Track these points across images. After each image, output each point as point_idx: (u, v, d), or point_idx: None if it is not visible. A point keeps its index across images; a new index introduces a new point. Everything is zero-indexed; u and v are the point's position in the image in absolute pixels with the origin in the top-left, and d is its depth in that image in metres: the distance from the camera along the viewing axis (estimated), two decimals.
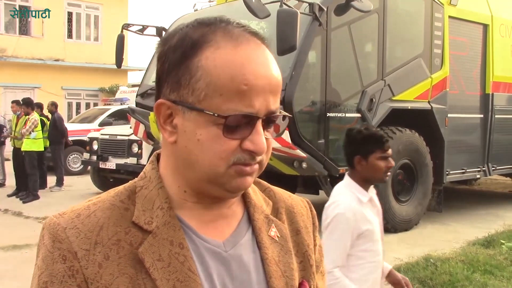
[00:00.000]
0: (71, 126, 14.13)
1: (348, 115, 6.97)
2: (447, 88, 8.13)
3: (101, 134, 11.22)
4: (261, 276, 0.91)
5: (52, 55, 20.65)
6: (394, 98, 7.44)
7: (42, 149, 10.71)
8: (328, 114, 6.73)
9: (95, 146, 10.95)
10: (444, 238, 7.08)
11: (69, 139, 12.10)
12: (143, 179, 0.92)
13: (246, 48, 0.84)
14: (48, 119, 11.70)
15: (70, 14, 21.55)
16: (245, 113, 0.82)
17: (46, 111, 12.10)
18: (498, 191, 11.46)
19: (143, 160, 9.86)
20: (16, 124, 10.92)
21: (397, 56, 7.75)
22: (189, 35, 0.86)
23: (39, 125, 10.52)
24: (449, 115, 8.09)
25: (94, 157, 10.81)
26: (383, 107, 7.28)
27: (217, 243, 0.89)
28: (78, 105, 21.70)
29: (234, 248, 0.90)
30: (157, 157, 0.95)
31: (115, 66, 8.74)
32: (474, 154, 8.76)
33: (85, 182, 11.98)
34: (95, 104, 21.04)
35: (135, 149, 10.20)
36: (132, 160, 10.12)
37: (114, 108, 15.63)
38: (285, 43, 5.68)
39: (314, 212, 1.09)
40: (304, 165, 6.63)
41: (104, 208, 0.87)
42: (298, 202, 1.06)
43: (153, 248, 0.84)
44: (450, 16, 8.23)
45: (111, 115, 15.09)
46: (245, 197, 0.97)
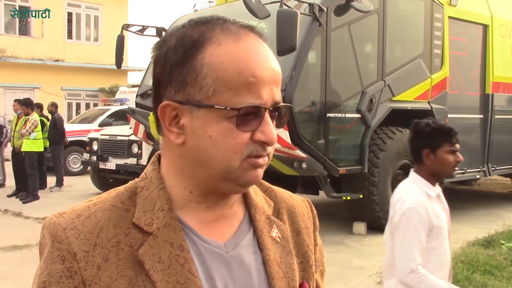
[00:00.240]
0: (71, 127, 14.14)
1: (348, 116, 6.97)
2: (447, 89, 8.13)
3: (101, 135, 11.22)
4: (263, 277, 0.91)
5: (52, 56, 20.64)
6: (394, 99, 7.44)
7: (42, 150, 10.70)
8: (328, 115, 6.73)
9: (95, 147, 10.95)
10: None
11: (67, 139, 12.07)
12: (144, 180, 0.91)
13: (247, 42, 0.85)
14: (48, 120, 11.69)
15: (70, 15, 21.54)
16: (256, 105, 0.83)
17: (46, 112, 12.10)
18: (498, 192, 11.46)
19: (143, 161, 9.86)
20: (16, 124, 10.93)
21: (397, 57, 7.75)
22: (188, 35, 0.86)
23: (39, 126, 10.51)
24: (449, 116, 8.08)
25: (94, 158, 10.81)
26: (383, 108, 7.27)
27: (218, 244, 0.89)
28: (78, 106, 21.69)
29: (235, 249, 0.90)
30: (159, 158, 0.94)
31: (115, 67, 8.73)
32: (474, 155, 8.76)
33: (85, 183, 11.97)
34: (95, 105, 21.02)
35: (135, 150, 10.20)
36: (132, 161, 10.12)
37: (114, 109, 15.62)
38: (285, 44, 5.68)
39: (315, 212, 1.09)
40: (304, 166, 6.62)
41: (105, 209, 0.87)
42: (299, 202, 1.06)
43: (153, 250, 0.84)
44: (450, 17, 8.23)
45: (111, 116, 15.09)
46: (246, 198, 0.97)
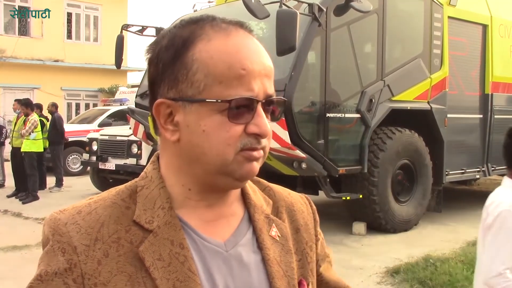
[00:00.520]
0: (71, 127, 14.14)
1: (348, 116, 6.97)
2: (447, 89, 8.13)
3: (101, 135, 11.21)
4: (262, 276, 0.91)
5: (52, 56, 20.63)
6: (394, 99, 7.44)
7: (42, 150, 10.70)
8: (328, 115, 6.72)
9: (95, 147, 10.95)
10: (444, 239, 7.08)
11: (67, 137, 12.05)
12: (144, 179, 0.92)
13: (237, 37, 0.87)
14: (48, 120, 11.69)
15: (70, 15, 21.53)
16: (247, 97, 0.84)
17: (46, 112, 12.10)
18: None
19: (143, 161, 9.86)
20: (15, 124, 10.93)
21: (397, 57, 7.75)
22: (179, 34, 0.88)
23: (39, 126, 10.52)
24: (449, 116, 8.09)
25: (94, 158, 10.81)
26: (383, 108, 7.27)
27: (218, 243, 0.90)
28: (78, 106, 21.68)
29: (235, 248, 0.91)
30: (158, 157, 0.95)
31: (115, 67, 8.72)
32: (474, 155, 8.76)
33: (85, 183, 11.97)
34: (95, 105, 21.01)
35: (135, 150, 10.19)
36: (132, 161, 10.11)
37: (114, 109, 15.62)
38: (285, 44, 5.68)
39: (314, 207, 1.10)
40: (304, 166, 6.62)
41: (105, 206, 0.88)
42: (298, 199, 1.07)
43: (154, 248, 0.85)
44: (450, 17, 8.23)
45: (111, 116, 15.09)
46: (245, 198, 0.97)
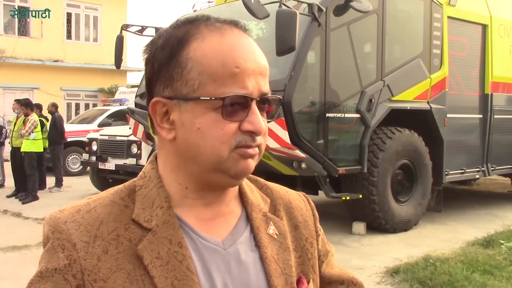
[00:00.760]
0: (70, 127, 14.14)
1: (347, 116, 6.97)
2: (446, 89, 8.12)
3: (100, 135, 11.22)
4: (260, 274, 0.92)
5: (51, 56, 20.64)
6: (393, 99, 7.44)
7: (42, 150, 10.71)
8: (327, 115, 6.72)
9: (94, 147, 10.95)
10: (444, 238, 7.08)
11: (65, 137, 12.04)
12: (143, 179, 0.93)
13: (231, 36, 0.88)
14: (47, 120, 11.69)
15: (69, 15, 21.53)
16: (241, 94, 0.85)
17: (46, 112, 12.09)
18: (498, 191, 11.46)
19: (142, 161, 9.85)
20: (15, 124, 10.94)
21: (396, 57, 7.75)
22: (174, 34, 0.89)
23: (39, 126, 10.52)
24: (448, 115, 8.09)
25: (93, 158, 10.81)
26: (382, 108, 7.27)
27: (216, 241, 0.91)
28: (77, 106, 21.68)
29: (233, 246, 0.92)
30: (157, 157, 0.96)
31: (114, 67, 8.72)
32: (473, 154, 8.76)
33: (84, 183, 11.98)
34: (94, 105, 21.02)
35: (134, 150, 10.20)
36: (131, 161, 10.11)
37: (113, 109, 15.63)
38: (284, 44, 5.68)
39: (313, 204, 1.10)
40: (303, 166, 6.62)
41: (104, 205, 0.89)
42: (295, 197, 1.08)
43: (152, 246, 0.86)
44: (449, 17, 8.23)
45: (110, 116, 15.10)
46: (242, 196, 0.98)
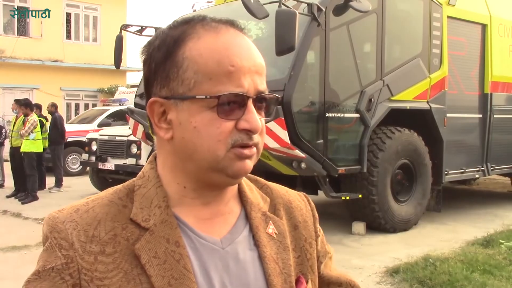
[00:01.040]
0: (70, 127, 14.13)
1: (347, 115, 6.96)
2: (446, 88, 8.12)
3: (100, 135, 11.21)
4: (259, 273, 0.92)
5: (51, 56, 20.63)
6: (393, 98, 7.43)
7: (41, 150, 10.70)
8: (327, 114, 6.72)
9: (94, 147, 10.94)
10: (443, 238, 7.08)
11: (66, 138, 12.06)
12: (142, 178, 0.94)
13: (227, 35, 0.88)
14: (47, 120, 11.69)
15: (69, 15, 21.53)
16: (236, 92, 0.85)
17: (45, 112, 12.09)
18: (497, 191, 11.46)
19: (142, 161, 9.85)
20: (14, 124, 10.93)
21: (396, 56, 7.75)
22: (170, 35, 0.90)
23: (38, 126, 10.51)
24: (448, 115, 8.09)
25: (93, 158, 10.81)
26: (382, 107, 7.27)
27: (214, 240, 0.91)
28: (77, 106, 21.68)
29: (231, 245, 0.92)
30: (156, 157, 0.96)
31: (114, 67, 8.72)
32: (473, 154, 8.76)
33: (84, 183, 11.97)
34: (94, 105, 21.01)
35: (134, 150, 10.19)
36: (131, 161, 10.10)
37: (113, 109, 15.63)
38: (284, 44, 5.68)
39: (313, 205, 1.10)
40: (303, 165, 6.61)
41: (103, 204, 0.90)
42: (296, 197, 1.08)
43: (150, 245, 0.86)
44: (449, 16, 8.23)
45: (110, 116, 15.09)
46: (242, 196, 0.98)
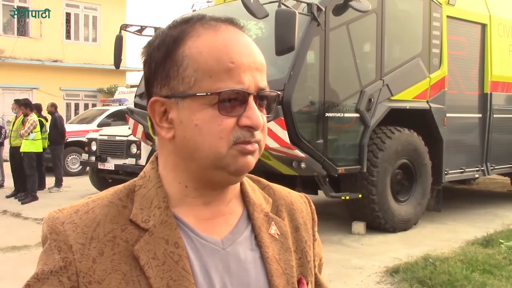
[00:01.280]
0: (70, 127, 14.12)
1: (347, 115, 6.96)
2: (446, 88, 8.12)
3: (100, 135, 11.20)
4: (260, 274, 0.92)
5: (51, 56, 20.63)
6: (393, 98, 7.43)
7: (41, 150, 10.70)
8: (327, 114, 6.72)
9: (94, 147, 10.94)
10: (443, 238, 7.08)
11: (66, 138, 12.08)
12: (143, 179, 0.93)
13: (226, 32, 0.88)
14: (47, 120, 11.69)
15: (69, 15, 21.52)
16: (237, 89, 0.85)
17: (45, 112, 12.09)
18: (497, 191, 11.47)
19: (142, 161, 9.85)
20: (13, 124, 10.93)
21: (396, 56, 7.75)
22: (170, 34, 0.90)
23: (38, 126, 10.51)
24: (448, 115, 8.09)
25: (93, 158, 10.80)
26: (382, 107, 7.27)
27: (215, 241, 0.90)
28: (77, 106, 21.68)
29: (232, 246, 0.91)
30: (157, 158, 0.96)
31: (114, 67, 8.72)
32: (473, 154, 8.76)
33: (84, 183, 11.97)
34: (94, 105, 21.00)
35: (134, 150, 10.19)
36: (131, 161, 10.10)
37: (113, 109, 15.62)
38: (284, 44, 5.68)
39: (313, 208, 1.10)
40: (303, 165, 6.61)
41: (103, 205, 0.89)
42: (298, 199, 1.08)
43: (149, 246, 0.86)
44: (448, 16, 8.23)
45: (110, 116, 15.09)
46: (244, 196, 0.98)
